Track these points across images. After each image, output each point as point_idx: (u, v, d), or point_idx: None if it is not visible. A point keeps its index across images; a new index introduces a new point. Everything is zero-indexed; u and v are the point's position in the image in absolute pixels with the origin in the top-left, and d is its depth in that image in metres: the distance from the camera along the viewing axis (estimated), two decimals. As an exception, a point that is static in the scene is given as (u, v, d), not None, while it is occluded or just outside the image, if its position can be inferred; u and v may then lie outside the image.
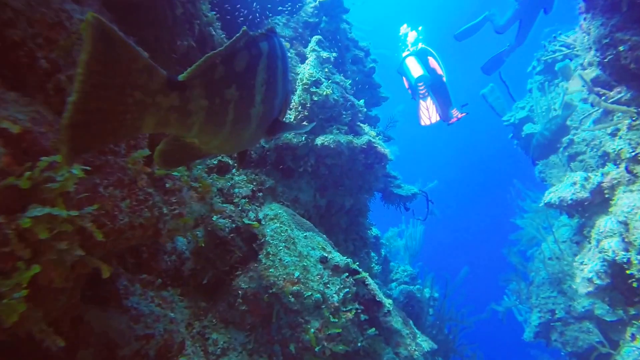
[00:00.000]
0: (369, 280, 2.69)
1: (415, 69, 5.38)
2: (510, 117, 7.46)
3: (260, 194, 2.98)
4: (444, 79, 5.52)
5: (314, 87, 2.92)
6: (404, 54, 5.64)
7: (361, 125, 3.22)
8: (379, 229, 6.24)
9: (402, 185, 4.71)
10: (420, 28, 6.06)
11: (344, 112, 3.04)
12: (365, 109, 3.21)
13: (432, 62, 5.48)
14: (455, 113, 5.54)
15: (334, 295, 2.35)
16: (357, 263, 2.63)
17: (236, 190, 2.71)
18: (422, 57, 5.51)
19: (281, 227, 2.46)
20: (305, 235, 2.50)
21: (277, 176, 3.12)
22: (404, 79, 5.73)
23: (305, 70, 2.99)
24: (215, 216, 2.44)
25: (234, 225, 2.44)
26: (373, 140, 3.02)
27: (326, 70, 3.06)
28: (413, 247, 7.78)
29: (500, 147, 18.18)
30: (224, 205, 2.52)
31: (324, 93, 2.90)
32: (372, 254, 5.19)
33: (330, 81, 3.01)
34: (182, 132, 0.92)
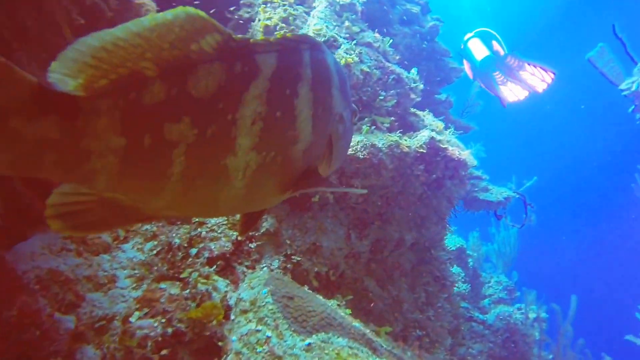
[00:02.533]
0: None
1: (479, 50, 4.75)
2: (632, 83, 5.58)
3: (252, 244, 1.76)
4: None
5: (323, 55, 1.65)
6: (467, 37, 4.99)
7: (417, 113, 1.88)
8: (458, 234, 4.94)
9: (491, 188, 3.66)
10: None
11: (383, 93, 1.72)
12: (421, 85, 1.86)
13: (496, 45, 4.88)
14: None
15: None
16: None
17: (193, 250, 1.51)
18: (485, 39, 4.87)
19: (260, 331, 1.22)
20: (309, 345, 1.23)
21: (283, 211, 1.89)
22: (464, 62, 4.99)
23: (309, 27, 1.72)
24: (136, 313, 1.27)
25: (170, 330, 1.26)
26: (439, 137, 1.66)
27: (347, 24, 1.76)
28: (507, 254, 6.34)
29: (617, 125, 14.17)
30: (162, 285, 1.35)
31: (342, 62, 1.61)
32: (459, 270, 4.29)
33: (354, 42, 1.71)
34: (76, 182, 0.55)
